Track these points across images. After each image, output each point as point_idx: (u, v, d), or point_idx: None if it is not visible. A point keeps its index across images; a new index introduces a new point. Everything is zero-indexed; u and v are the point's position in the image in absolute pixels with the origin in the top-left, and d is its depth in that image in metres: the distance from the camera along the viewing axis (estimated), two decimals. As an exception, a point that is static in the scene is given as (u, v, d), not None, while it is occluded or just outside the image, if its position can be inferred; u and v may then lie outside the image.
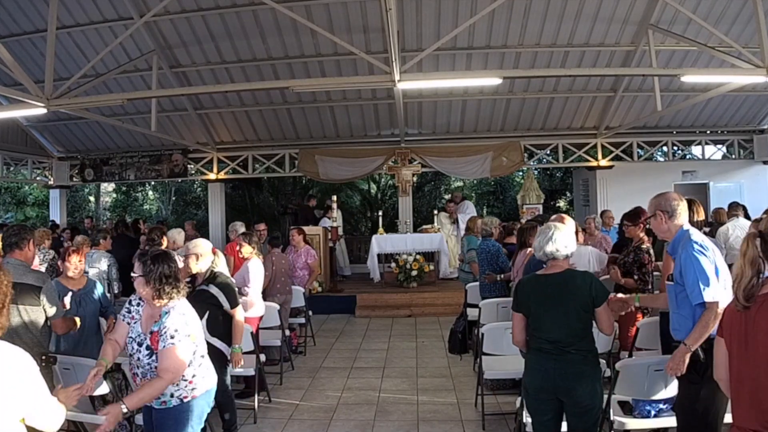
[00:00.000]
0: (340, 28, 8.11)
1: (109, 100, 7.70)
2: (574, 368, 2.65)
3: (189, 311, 2.61)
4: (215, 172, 11.91)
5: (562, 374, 2.64)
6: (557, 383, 2.66)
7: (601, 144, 11.31)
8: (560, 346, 2.67)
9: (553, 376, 2.66)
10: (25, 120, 11.06)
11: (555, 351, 2.67)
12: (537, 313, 2.76)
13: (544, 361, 2.70)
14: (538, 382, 2.73)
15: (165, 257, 2.62)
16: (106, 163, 12.01)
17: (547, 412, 2.76)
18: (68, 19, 8.24)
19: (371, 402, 4.84)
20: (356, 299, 8.89)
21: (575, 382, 2.64)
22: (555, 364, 2.66)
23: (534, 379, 2.76)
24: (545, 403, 2.74)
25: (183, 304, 2.61)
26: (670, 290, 2.80)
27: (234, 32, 8.47)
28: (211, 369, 2.76)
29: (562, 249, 2.78)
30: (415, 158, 11.23)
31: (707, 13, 7.76)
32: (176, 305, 2.56)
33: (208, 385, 2.71)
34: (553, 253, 2.78)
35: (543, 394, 2.73)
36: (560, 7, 8.04)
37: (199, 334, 2.65)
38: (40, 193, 16.98)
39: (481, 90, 9.89)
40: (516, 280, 4.78)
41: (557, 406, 2.73)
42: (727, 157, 11.60)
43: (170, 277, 2.56)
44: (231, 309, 3.82)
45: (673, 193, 2.94)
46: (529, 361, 2.82)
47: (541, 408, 2.77)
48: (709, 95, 8.26)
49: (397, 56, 6.00)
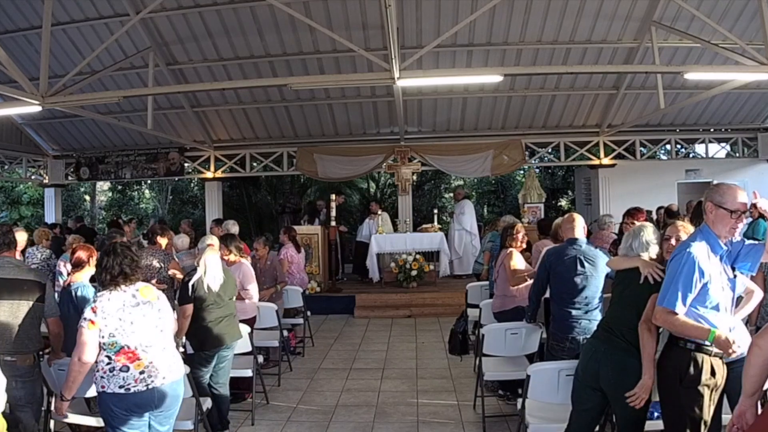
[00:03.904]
0: (339, 24, 8.04)
1: (105, 97, 7.61)
2: (618, 354, 2.72)
3: (105, 304, 2.74)
4: (212, 171, 11.83)
5: (608, 361, 2.73)
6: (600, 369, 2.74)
7: (603, 142, 11.23)
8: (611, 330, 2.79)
9: (600, 361, 2.76)
10: (19, 118, 10.97)
11: (607, 334, 2.80)
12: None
13: (597, 344, 2.84)
14: (585, 364, 2.85)
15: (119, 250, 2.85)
16: (102, 162, 11.92)
17: (587, 401, 2.84)
18: (63, 15, 8.16)
19: (370, 403, 4.78)
20: (355, 299, 8.81)
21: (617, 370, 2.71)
22: (605, 349, 2.76)
23: (583, 360, 2.89)
24: (587, 390, 2.82)
25: (110, 295, 2.77)
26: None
27: (231, 29, 8.39)
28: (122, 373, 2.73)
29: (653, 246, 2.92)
30: (414, 156, 11.14)
31: (711, 10, 7.70)
32: (104, 293, 2.77)
33: (116, 386, 2.70)
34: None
35: (588, 377, 2.81)
36: (562, 4, 7.96)
37: (114, 328, 2.73)
38: (35, 192, 16.90)
39: (481, 87, 9.80)
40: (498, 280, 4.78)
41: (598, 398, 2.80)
42: (731, 156, 11.53)
43: (110, 269, 2.81)
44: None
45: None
46: (587, 343, 2.97)
47: (582, 393, 2.86)
48: (712, 93, 8.19)
49: (397, 53, 5.93)
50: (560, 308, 3.72)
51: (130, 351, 2.72)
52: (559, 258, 3.78)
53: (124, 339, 2.72)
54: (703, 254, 2.44)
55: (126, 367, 2.70)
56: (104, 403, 2.72)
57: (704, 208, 2.55)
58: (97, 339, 2.70)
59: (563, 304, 3.69)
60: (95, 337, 2.69)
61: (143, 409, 2.74)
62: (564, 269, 3.70)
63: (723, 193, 2.48)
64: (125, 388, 2.69)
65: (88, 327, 2.67)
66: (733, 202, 2.44)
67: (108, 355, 2.70)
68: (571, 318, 3.63)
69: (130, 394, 2.69)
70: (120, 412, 2.70)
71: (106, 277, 2.78)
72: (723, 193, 2.48)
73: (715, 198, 2.49)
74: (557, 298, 3.77)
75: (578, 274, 3.63)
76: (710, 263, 2.45)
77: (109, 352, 2.71)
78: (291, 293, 6.37)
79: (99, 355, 2.71)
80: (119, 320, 2.72)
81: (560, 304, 3.72)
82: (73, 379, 2.71)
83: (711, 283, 2.43)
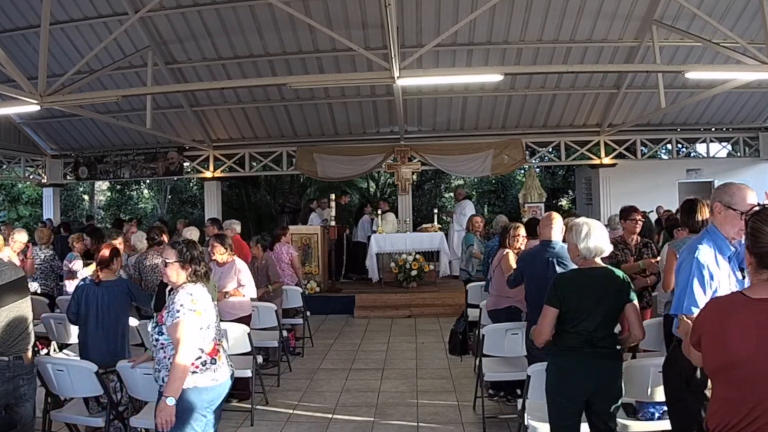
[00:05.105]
0: (339, 23, 8.02)
1: (104, 96, 7.58)
2: (608, 363, 2.68)
3: (198, 293, 2.68)
4: (211, 170, 11.80)
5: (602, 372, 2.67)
6: (598, 383, 2.65)
7: (604, 142, 11.21)
8: (593, 342, 2.66)
9: (595, 375, 2.65)
10: (18, 117, 10.94)
11: (589, 347, 2.66)
12: (577, 308, 2.70)
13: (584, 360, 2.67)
14: (577, 382, 2.68)
15: (195, 243, 2.88)
16: (101, 161, 11.90)
17: (573, 416, 2.73)
18: (62, 14, 8.14)
19: (370, 404, 4.76)
20: (355, 299, 8.78)
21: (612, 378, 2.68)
22: (595, 362, 2.66)
23: (573, 379, 2.69)
24: (578, 405, 2.71)
25: (195, 287, 2.70)
26: None
27: (230, 28, 8.37)
28: (221, 366, 2.71)
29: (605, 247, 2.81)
30: (414, 156, 11.11)
31: (712, 9, 7.68)
32: (188, 286, 2.69)
33: (213, 380, 2.65)
34: (594, 250, 2.78)
35: (580, 394, 2.68)
36: (562, 3, 7.95)
37: (208, 318, 2.68)
38: (34, 192, 16.87)
39: (481, 87, 9.78)
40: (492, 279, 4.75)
41: (582, 408, 2.73)
42: (732, 155, 11.50)
43: (202, 261, 2.80)
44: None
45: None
46: (563, 361, 2.74)
47: (568, 411, 2.73)
48: (713, 92, 8.16)
49: (397, 52, 5.90)
50: (536, 311, 3.68)
51: (217, 343, 2.75)
52: (532, 261, 3.75)
53: (213, 332, 2.71)
54: (711, 257, 2.39)
55: (213, 360, 2.69)
56: (193, 399, 2.60)
57: (712, 208, 2.50)
58: (200, 324, 2.63)
59: (539, 307, 3.65)
60: (199, 323, 2.61)
61: (221, 400, 2.75)
62: (537, 272, 3.66)
63: (732, 193, 2.43)
64: (215, 380, 2.67)
65: (194, 315, 2.59)
66: (743, 203, 2.38)
67: (201, 348, 2.64)
68: None
69: (220, 385, 2.68)
70: (204, 406, 2.65)
71: (201, 269, 2.74)
72: (732, 194, 2.42)
73: (724, 198, 2.43)
74: (532, 301, 3.72)
75: (551, 277, 3.59)
76: (718, 266, 2.40)
77: (203, 345, 2.65)
78: (290, 293, 6.35)
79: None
80: (204, 299, 2.69)
81: (535, 307, 3.67)
82: (180, 374, 2.53)
83: (720, 287, 2.38)
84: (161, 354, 2.64)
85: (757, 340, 1.54)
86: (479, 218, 7.01)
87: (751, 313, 1.58)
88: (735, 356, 1.58)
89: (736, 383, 1.58)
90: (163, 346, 2.63)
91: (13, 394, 2.91)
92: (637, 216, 4.74)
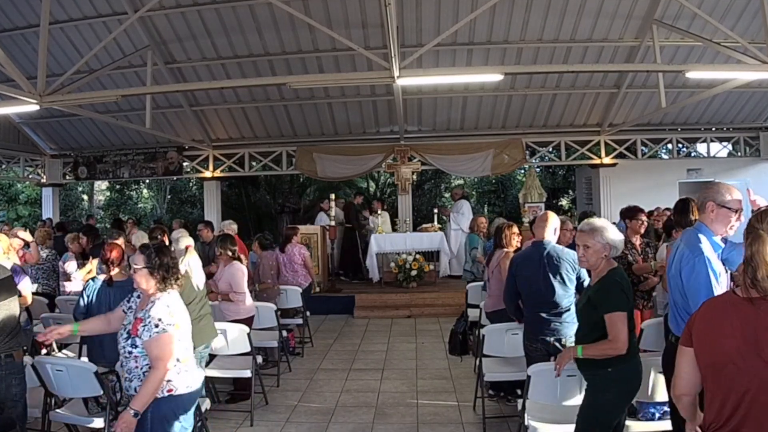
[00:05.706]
0: (339, 23, 8.00)
1: (103, 96, 7.54)
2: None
3: (174, 304, 2.63)
4: (211, 170, 11.78)
5: None
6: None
7: (604, 141, 11.19)
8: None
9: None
10: (17, 117, 10.92)
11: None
12: (632, 308, 2.80)
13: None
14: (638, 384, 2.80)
15: (166, 249, 2.73)
16: (100, 161, 11.88)
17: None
18: (61, 14, 8.12)
19: (370, 404, 4.75)
20: (355, 299, 8.76)
21: None
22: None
23: (638, 381, 2.79)
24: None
25: (170, 297, 2.63)
26: None
27: (230, 27, 8.35)
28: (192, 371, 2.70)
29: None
30: (414, 156, 11.09)
31: (712, 8, 7.66)
32: (163, 297, 2.60)
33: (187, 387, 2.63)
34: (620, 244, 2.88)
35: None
36: (563, 2, 7.93)
37: (185, 328, 2.63)
38: (33, 191, 16.85)
39: (482, 86, 9.76)
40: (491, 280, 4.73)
41: None
42: (732, 155, 11.48)
43: (173, 267, 2.66)
44: None
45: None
46: (637, 361, 2.79)
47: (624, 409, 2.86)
48: (714, 92, 8.14)
49: (397, 52, 5.88)
50: (531, 311, 3.70)
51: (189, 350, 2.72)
52: (524, 262, 3.76)
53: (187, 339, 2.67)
54: (711, 251, 2.53)
55: (186, 367, 2.65)
56: (170, 406, 2.56)
57: (703, 207, 2.62)
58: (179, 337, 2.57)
59: (533, 307, 3.68)
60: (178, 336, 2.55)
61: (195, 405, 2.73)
62: (530, 273, 3.67)
63: (724, 192, 2.58)
64: (189, 387, 2.64)
65: (174, 329, 2.52)
66: (735, 201, 2.56)
67: (177, 358, 2.58)
68: (541, 320, 3.60)
69: (194, 391, 2.66)
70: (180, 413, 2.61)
71: (173, 276, 2.64)
72: (724, 193, 2.58)
73: (717, 198, 2.58)
74: (527, 301, 3.75)
75: (544, 278, 3.59)
76: (717, 261, 2.53)
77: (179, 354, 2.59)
78: (290, 293, 6.33)
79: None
80: (180, 311, 2.64)
81: (530, 307, 3.71)
82: (152, 390, 2.47)
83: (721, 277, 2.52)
84: (132, 364, 2.55)
85: (742, 336, 1.62)
86: (483, 218, 6.99)
87: (737, 311, 1.67)
88: (723, 353, 1.66)
89: (725, 379, 1.65)
90: (135, 357, 2.55)
91: (5, 395, 2.90)
92: (642, 216, 4.73)
